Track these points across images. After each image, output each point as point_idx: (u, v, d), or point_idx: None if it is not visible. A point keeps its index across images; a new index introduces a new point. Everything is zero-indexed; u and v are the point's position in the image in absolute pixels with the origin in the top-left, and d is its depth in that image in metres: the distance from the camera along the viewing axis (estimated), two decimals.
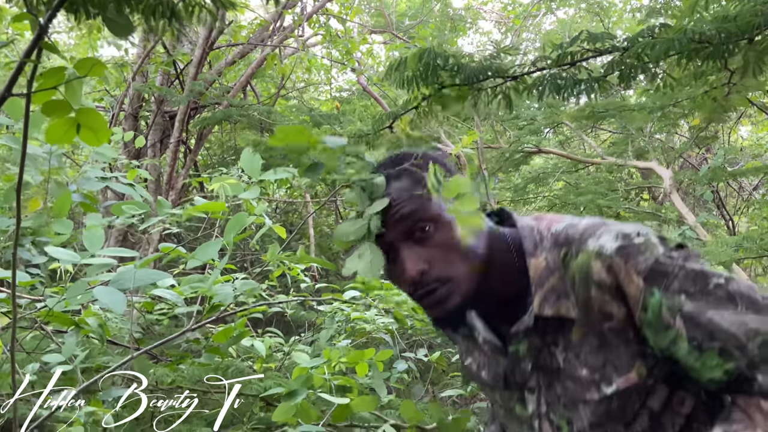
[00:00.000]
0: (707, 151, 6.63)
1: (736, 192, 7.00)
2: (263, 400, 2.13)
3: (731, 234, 5.41)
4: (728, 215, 6.08)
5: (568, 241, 0.90)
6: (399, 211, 0.88)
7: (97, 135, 1.02)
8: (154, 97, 4.64)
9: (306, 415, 1.82)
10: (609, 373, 0.89)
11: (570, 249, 0.89)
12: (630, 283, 0.84)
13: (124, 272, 1.32)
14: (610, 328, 0.88)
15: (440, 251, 0.88)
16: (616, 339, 0.88)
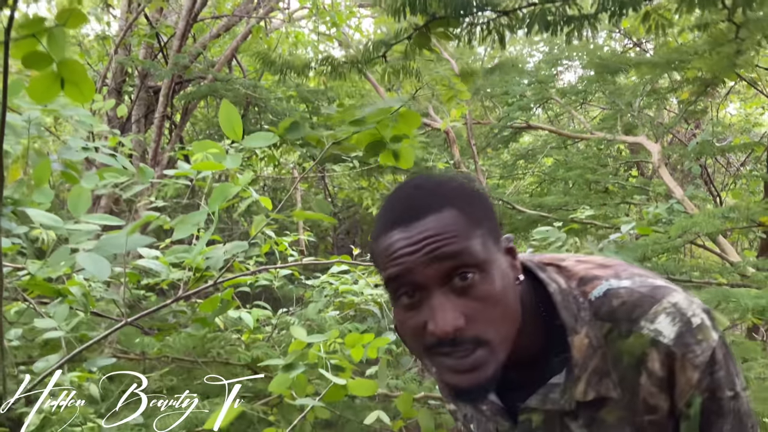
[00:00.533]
0: (696, 127, 6.64)
1: (724, 168, 7.03)
2: (250, 369, 2.12)
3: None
4: (716, 191, 6.12)
5: (613, 316, 0.80)
6: (440, 249, 0.72)
7: (81, 89, 0.98)
8: (138, 71, 4.55)
9: (301, 388, 1.82)
10: None
11: (617, 327, 0.80)
12: (683, 375, 0.78)
13: (108, 238, 1.29)
14: (651, 421, 0.81)
15: (481, 306, 0.73)
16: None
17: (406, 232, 0.74)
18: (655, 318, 0.78)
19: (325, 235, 6.93)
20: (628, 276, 0.83)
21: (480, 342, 0.73)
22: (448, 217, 0.74)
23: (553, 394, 0.83)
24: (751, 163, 6.46)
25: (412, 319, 0.75)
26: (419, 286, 0.74)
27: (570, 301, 0.82)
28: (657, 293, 0.79)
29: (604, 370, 0.80)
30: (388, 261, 0.75)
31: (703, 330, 0.77)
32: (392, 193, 0.81)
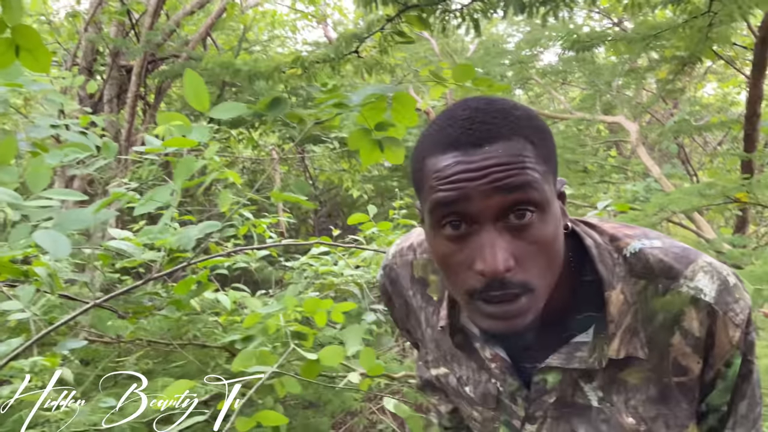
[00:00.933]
0: (674, 106, 6.69)
1: (701, 147, 7.12)
2: (228, 351, 2.10)
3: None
4: (693, 170, 6.19)
5: (650, 273, 0.77)
6: (506, 179, 0.65)
7: (36, 57, 0.92)
8: (109, 49, 4.43)
9: (265, 362, 1.78)
10: (657, 427, 0.81)
11: (654, 284, 0.77)
12: (724, 334, 0.75)
13: (68, 213, 1.24)
14: (679, 383, 0.79)
15: (533, 249, 0.68)
16: (680, 395, 0.80)
17: (468, 156, 0.66)
18: (694, 276, 0.75)
19: (306, 218, 6.88)
20: (657, 237, 0.80)
21: (527, 288, 0.68)
22: (518, 146, 0.67)
23: (581, 352, 0.79)
24: (728, 142, 6.55)
25: (457, 254, 0.69)
26: (471, 218, 0.67)
27: (606, 256, 0.78)
28: (690, 253, 0.77)
29: (634, 328, 0.77)
30: (441, 183, 0.67)
31: (739, 289, 0.76)
32: (449, 111, 0.73)
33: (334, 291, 2.77)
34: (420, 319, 0.98)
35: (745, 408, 0.81)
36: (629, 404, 0.80)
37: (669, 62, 4.75)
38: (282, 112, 1.40)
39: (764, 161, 4.73)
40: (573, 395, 0.83)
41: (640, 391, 0.79)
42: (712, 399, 0.80)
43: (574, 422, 0.84)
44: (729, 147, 6.36)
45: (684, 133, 4.48)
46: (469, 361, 0.91)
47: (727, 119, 5.51)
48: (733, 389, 0.79)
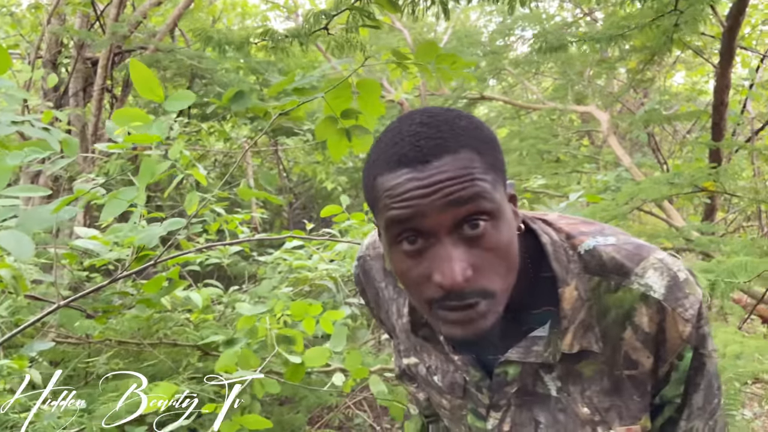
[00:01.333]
0: (644, 96, 6.78)
1: (671, 136, 7.23)
2: (200, 350, 2.06)
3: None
4: (663, 159, 6.28)
5: (603, 271, 0.79)
6: (457, 193, 0.67)
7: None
8: (74, 41, 4.31)
9: (247, 362, 1.77)
10: (611, 419, 0.83)
11: (607, 281, 0.79)
12: (674, 329, 0.77)
13: (31, 211, 1.20)
14: (631, 376, 0.81)
15: (489, 256, 0.70)
16: (631, 388, 0.82)
17: (417, 172, 0.68)
18: (644, 273, 0.77)
19: (280, 211, 6.82)
20: (612, 233, 0.82)
21: (486, 294, 0.70)
22: (466, 158, 0.68)
23: (537, 346, 0.82)
24: (697, 131, 6.66)
25: (415, 268, 0.71)
26: (427, 233, 0.69)
27: (561, 253, 0.81)
28: (642, 250, 0.79)
29: (588, 323, 0.80)
30: (394, 201, 0.69)
31: (689, 284, 0.78)
32: (395, 126, 0.73)
33: (308, 285, 2.75)
34: (392, 310, 1.00)
35: (702, 399, 0.82)
36: (585, 395, 0.83)
37: (638, 52, 4.81)
38: (245, 105, 1.37)
39: (732, 150, 4.82)
40: (534, 385, 0.85)
41: (594, 382, 0.82)
42: (666, 392, 0.82)
43: (535, 410, 0.86)
44: (697, 135, 6.47)
45: (654, 122, 4.54)
46: (437, 351, 0.93)
47: (696, 108, 5.60)
48: (686, 381, 0.81)
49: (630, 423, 0.82)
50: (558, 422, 0.85)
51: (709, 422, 0.84)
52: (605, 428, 0.82)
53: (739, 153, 5.26)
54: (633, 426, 0.82)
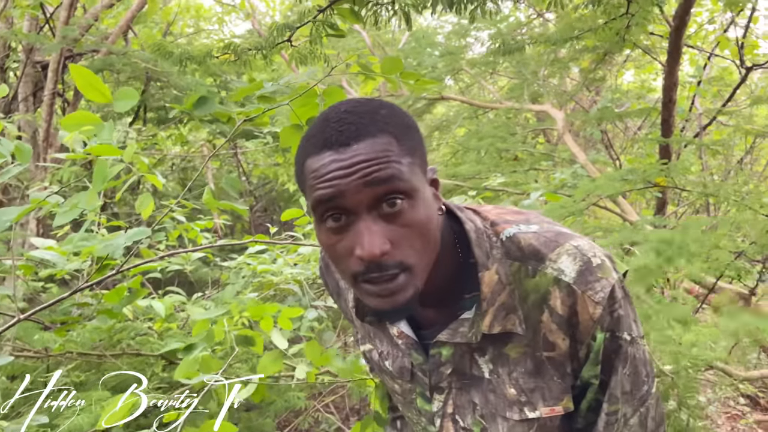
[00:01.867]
0: (596, 94, 6.96)
1: (623, 132, 7.43)
2: (164, 359, 2.03)
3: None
4: (615, 155, 6.46)
5: (522, 256, 0.84)
6: (374, 174, 0.72)
7: None
8: (22, 45, 4.17)
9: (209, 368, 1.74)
10: (536, 399, 0.88)
11: (525, 266, 0.84)
12: (585, 311, 0.82)
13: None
14: (550, 357, 0.86)
15: (406, 232, 0.75)
16: (552, 370, 0.86)
17: (339, 154, 0.73)
18: (558, 258, 0.82)
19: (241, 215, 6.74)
20: (537, 222, 0.88)
21: (404, 267, 0.75)
22: (383, 142, 0.74)
23: (463, 328, 0.87)
24: (647, 127, 6.87)
25: (338, 244, 0.76)
26: (348, 210, 0.74)
27: (483, 239, 0.86)
28: (561, 238, 0.85)
29: (511, 306, 0.84)
30: (318, 182, 0.74)
31: (602, 269, 0.82)
32: (324, 114, 0.79)
33: (273, 290, 2.73)
34: (348, 299, 1.05)
35: (628, 385, 0.86)
36: (512, 376, 0.88)
37: (591, 52, 4.94)
38: (210, 110, 1.36)
39: (681, 145, 5.00)
40: (470, 368, 0.91)
41: (519, 364, 0.87)
42: (583, 373, 0.86)
43: (472, 392, 0.92)
44: (647, 132, 6.68)
45: (607, 119, 4.67)
46: (386, 337, 0.99)
47: (646, 105, 5.78)
48: (602, 363, 0.85)
49: (553, 404, 0.87)
50: (489, 403, 0.90)
51: (640, 409, 0.87)
52: (531, 409, 0.88)
53: (687, 148, 5.46)
54: (556, 407, 0.87)
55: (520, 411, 0.88)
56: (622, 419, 0.87)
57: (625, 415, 0.87)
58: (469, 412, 0.93)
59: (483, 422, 0.92)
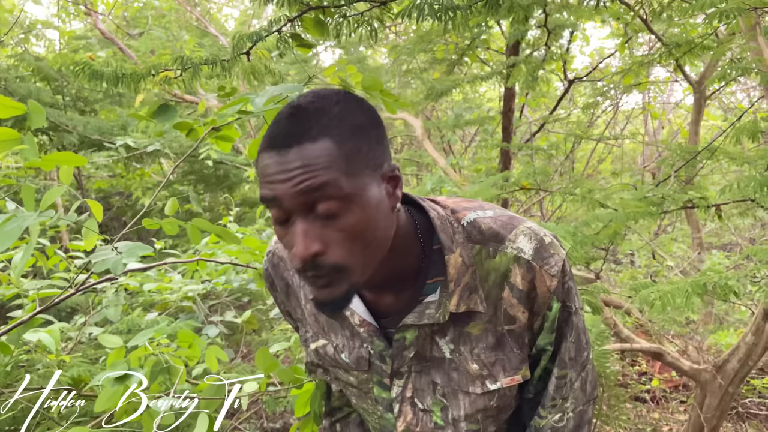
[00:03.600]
0: (435, 103, 7.47)
1: (460, 140, 8.06)
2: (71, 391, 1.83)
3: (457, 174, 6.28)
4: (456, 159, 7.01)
5: (483, 238, 0.91)
6: (306, 182, 0.74)
7: None
8: None
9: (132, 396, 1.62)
10: (497, 371, 0.96)
11: (486, 247, 0.91)
12: (542, 284, 0.90)
13: None
14: (510, 330, 0.94)
15: (341, 236, 0.77)
16: (512, 342, 0.95)
17: (279, 156, 0.75)
18: (516, 238, 0.91)
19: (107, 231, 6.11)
20: (490, 208, 0.96)
21: (338, 269, 0.78)
22: (321, 148, 0.74)
23: (429, 310, 0.92)
24: (480, 134, 7.53)
25: (285, 237, 0.79)
26: (288, 212, 0.77)
27: (447, 225, 0.92)
28: (515, 220, 0.94)
29: (473, 286, 0.91)
30: (263, 181, 0.77)
31: (553, 246, 0.93)
32: (283, 108, 0.80)
33: (165, 309, 2.57)
34: (300, 296, 1.07)
35: (573, 351, 0.99)
36: (474, 353, 0.95)
37: (440, 63, 5.32)
38: (172, 119, 1.28)
39: (518, 150, 5.58)
40: (431, 350, 0.97)
41: (481, 340, 0.94)
42: (539, 341, 0.97)
43: (433, 373, 0.98)
44: (481, 138, 7.33)
45: (459, 126, 5.05)
46: (343, 329, 1.02)
47: (485, 114, 6.35)
48: (556, 331, 0.97)
49: (513, 374, 0.97)
50: (452, 381, 0.98)
51: (581, 373, 1.01)
52: (492, 381, 0.97)
53: (520, 152, 6.09)
54: (515, 376, 0.97)
55: (482, 384, 0.96)
56: (569, 383, 0.99)
57: (571, 379, 0.99)
58: (428, 393, 1.00)
59: (444, 401, 0.99)
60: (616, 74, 5.06)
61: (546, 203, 6.70)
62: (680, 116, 8.85)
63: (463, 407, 0.98)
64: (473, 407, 0.98)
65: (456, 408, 0.99)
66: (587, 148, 7.24)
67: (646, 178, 5.91)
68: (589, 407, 1.04)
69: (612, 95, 5.86)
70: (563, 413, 1.00)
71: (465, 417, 0.99)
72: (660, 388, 3.95)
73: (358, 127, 0.78)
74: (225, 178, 4.91)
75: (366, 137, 0.79)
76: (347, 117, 0.77)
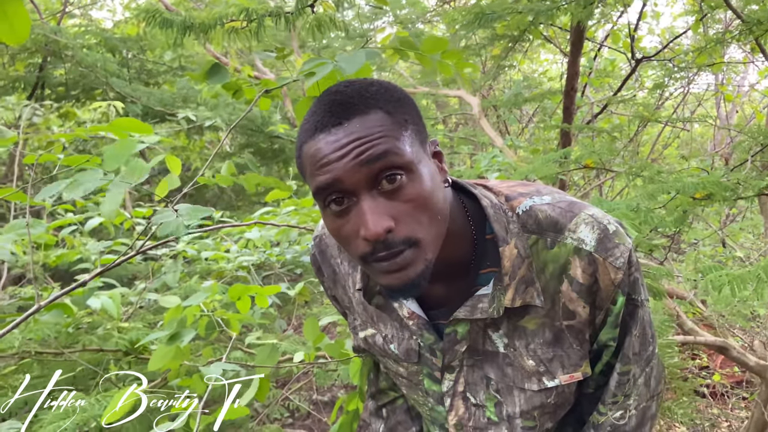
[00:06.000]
0: (493, 80, 7.29)
1: (518, 120, 7.86)
2: (127, 354, 1.89)
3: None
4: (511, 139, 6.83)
5: (539, 229, 0.85)
6: (368, 152, 0.71)
7: (10, 19, 0.72)
8: None
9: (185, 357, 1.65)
10: (555, 368, 0.90)
11: (543, 238, 0.85)
12: (606, 277, 0.84)
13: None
14: (569, 326, 0.88)
15: (410, 207, 0.74)
16: (571, 338, 0.89)
17: (331, 135, 0.72)
18: (577, 228, 0.84)
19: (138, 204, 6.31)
20: (548, 192, 0.89)
21: (411, 242, 0.74)
22: (375, 118, 0.73)
23: (482, 304, 0.87)
24: (539, 115, 7.32)
25: (343, 228, 0.75)
26: (348, 192, 0.73)
27: (500, 214, 0.86)
28: (575, 207, 0.86)
29: (529, 279, 0.85)
30: (315, 169, 0.73)
31: (618, 235, 0.85)
32: (317, 99, 0.78)
33: (221, 277, 2.62)
34: (347, 285, 1.03)
35: (637, 346, 0.92)
36: (529, 348, 0.90)
37: (499, 40, 5.17)
38: (223, 80, 1.27)
39: (578, 131, 5.39)
40: (483, 344, 0.92)
41: (537, 335, 0.89)
42: (601, 335, 0.90)
43: (486, 368, 0.93)
44: (539, 119, 7.12)
45: (518, 105, 4.91)
46: (392, 320, 0.98)
47: (544, 92, 6.16)
48: (620, 325, 0.90)
49: (572, 371, 0.90)
50: (506, 376, 0.92)
51: (645, 369, 0.94)
52: (550, 378, 0.91)
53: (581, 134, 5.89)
54: (575, 373, 0.91)
55: (539, 381, 0.91)
56: (632, 379, 0.93)
57: (634, 375, 0.93)
58: (481, 388, 0.95)
59: (498, 396, 0.94)
60: (688, 53, 4.80)
61: (606, 188, 6.47)
62: (754, 100, 8.36)
63: (519, 404, 0.94)
64: (529, 404, 0.93)
65: (510, 404, 0.94)
66: (652, 131, 6.94)
67: (717, 164, 5.62)
68: (652, 403, 0.98)
69: (682, 76, 5.57)
70: (625, 410, 0.94)
71: (520, 413, 0.95)
72: (720, 383, 3.78)
73: (401, 100, 0.77)
74: (281, 151, 4.96)
75: (410, 109, 0.78)
76: (388, 92, 0.77)
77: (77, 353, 1.69)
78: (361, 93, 0.75)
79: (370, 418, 1.27)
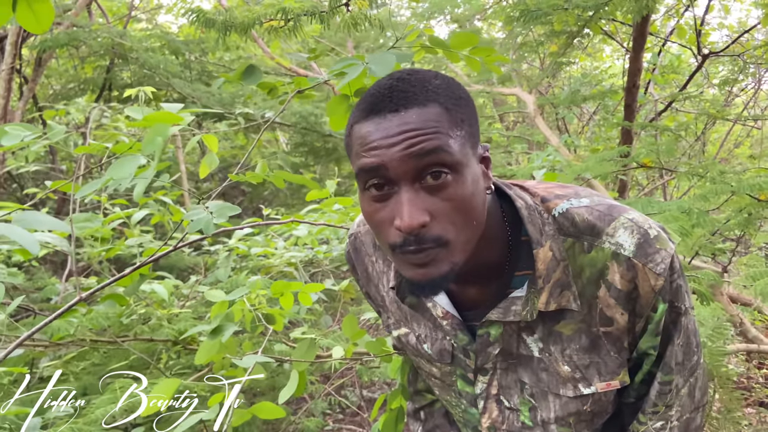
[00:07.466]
0: (553, 78, 7.12)
1: (577, 117, 7.65)
2: (175, 344, 1.95)
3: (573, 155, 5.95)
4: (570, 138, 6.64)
5: (575, 232, 0.82)
6: (420, 145, 0.70)
7: (35, 12, 0.76)
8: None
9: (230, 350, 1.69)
10: (591, 375, 0.87)
11: (580, 241, 0.82)
12: (646, 283, 0.80)
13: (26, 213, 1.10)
14: (606, 332, 0.85)
15: (448, 207, 0.72)
16: (608, 345, 0.86)
17: (386, 121, 0.71)
18: (615, 232, 0.81)
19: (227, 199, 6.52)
20: (586, 195, 0.86)
21: (441, 242, 0.73)
22: (432, 112, 0.71)
23: (515, 306, 0.85)
24: (600, 113, 7.09)
25: (379, 213, 0.75)
26: (391, 180, 0.72)
27: (535, 216, 0.84)
28: (614, 211, 0.83)
29: (565, 282, 0.83)
30: (363, 150, 0.73)
31: (660, 240, 0.81)
32: (378, 82, 0.77)
33: (275, 273, 2.68)
34: (382, 283, 1.03)
35: (681, 355, 0.87)
36: (565, 354, 0.87)
37: (558, 36, 5.04)
38: (257, 81, 1.29)
39: (641, 129, 5.19)
40: (518, 347, 0.89)
41: (573, 341, 0.86)
42: (641, 344, 0.86)
43: (520, 372, 0.91)
44: (600, 117, 6.90)
45: (576, 103, 4.79)
46: (426, 320, 0.97)
47: (605, 90, 5.97)
48: (662, 333, 0.85)
49: (609, 378, 0.87)
50: (541, 381, 0.90)
51: (689, 379, 0.89)
52: (585, 385, 0.87)
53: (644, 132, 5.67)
54: (612, 381, 0.87)
55: (575, 387, 0.88)
56: (674, 389, 0.88)
57: (677, 386, 0.88)
58: (516, 391, 0.93)
59: (532, 401, 0.92)
60: (759, 48, 4.54)
61: (671, 189, 6.21)
62: None
63: (553, 409, 0.91)
64: (564, 410, 0.91)
65: (545, 410, 0.92)
66: (722, 130, 6.61)
67: None
68: (697, 415, 0.93)
69: (754, 71, 5.28)
70: (666, 421, 0.90)
71: (555, 419, 0.92)
72: None
73: (460, 99, 0.76)
74: (334, 150, 5.02)
75: (469, 109, 0.77)
76: (449, 88, 0.75)
77: (129, 342, 1.76)
78: (424, 84, 0.74)
79: (408, 419, 1.27)
